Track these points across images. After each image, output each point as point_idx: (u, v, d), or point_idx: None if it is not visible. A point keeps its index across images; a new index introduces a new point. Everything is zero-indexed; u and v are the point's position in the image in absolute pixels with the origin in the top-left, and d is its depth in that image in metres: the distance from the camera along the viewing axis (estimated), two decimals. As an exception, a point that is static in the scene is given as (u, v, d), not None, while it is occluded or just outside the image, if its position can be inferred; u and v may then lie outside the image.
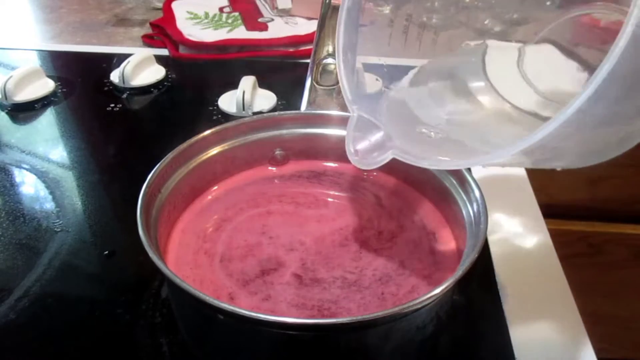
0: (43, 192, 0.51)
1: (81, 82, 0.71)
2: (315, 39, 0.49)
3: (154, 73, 0.71)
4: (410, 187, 0.43)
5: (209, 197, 0.43)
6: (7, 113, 0.64)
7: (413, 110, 0.38)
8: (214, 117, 0.63)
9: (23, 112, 0.64)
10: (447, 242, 0.39)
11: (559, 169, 0.31)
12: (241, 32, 0.80)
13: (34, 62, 0.76)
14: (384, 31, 0.41)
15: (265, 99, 0.64)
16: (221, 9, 0.87)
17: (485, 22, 0.41)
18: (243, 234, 0.39)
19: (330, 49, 0.48)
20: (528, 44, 0.40)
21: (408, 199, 0.43)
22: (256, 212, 0.41)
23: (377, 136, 0.35)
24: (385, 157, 0.34)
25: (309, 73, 0.48)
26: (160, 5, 0.91)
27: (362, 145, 0.36)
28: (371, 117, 0.36)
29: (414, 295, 0.35)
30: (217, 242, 0.39)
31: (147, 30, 0.86)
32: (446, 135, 0.37)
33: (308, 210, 0.41)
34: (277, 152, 0.45)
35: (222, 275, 0.36)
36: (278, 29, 0.81)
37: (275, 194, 0.43)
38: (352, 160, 0.35)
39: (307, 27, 0.81)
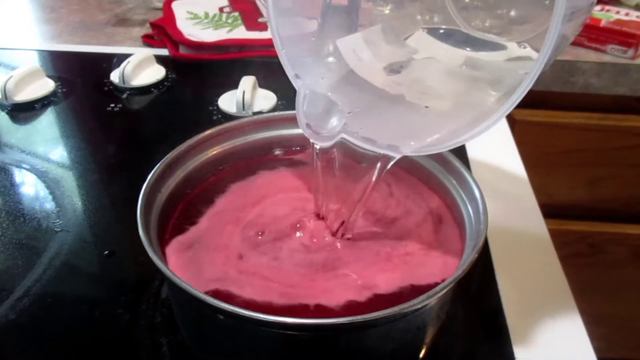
0: (43, 192, 0.51)
1: (81, 82, 0.71)
2: (315, 39, 0.49)
3: (154, 73, 0.71)
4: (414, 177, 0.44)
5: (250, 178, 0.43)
6: (7, 113, 0.64)
7: (354, 70, 0.38)
8: (214, 117, 0.63)
9: (23, 112, 0.64)
10: (450, 225, 0.39)
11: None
12: (241, 32, 0.80)
13: (34, 62, 0.76)
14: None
15: (265, 99, 0.64)
16: (221, 9, 0.87)
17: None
18: (276, 207, 0.40)
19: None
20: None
21: (415, 187, 0.43)
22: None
23: (328, 110, 0.35)
24: (338, 134, 0.34)
25: (309, 73, 0.48)
26: (160, 5, 0.91)
27: (315, 119, 0.35)
28: (319, 89, 0.36)
29: (407, 258, 0.36)
30: (250, 212, 0.40)
31: (147, 30, 0.86)
32: (387, 91, 0.37)
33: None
34: (277, 152, 0.45)
35: (238, 240, 0.37)
36: (278, 29, 0.80)
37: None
38: (307, 135, 0.36)
39: (307, 27, 0.81)
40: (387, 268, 0.36)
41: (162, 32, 0.81)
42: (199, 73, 0.74)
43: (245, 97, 0.61)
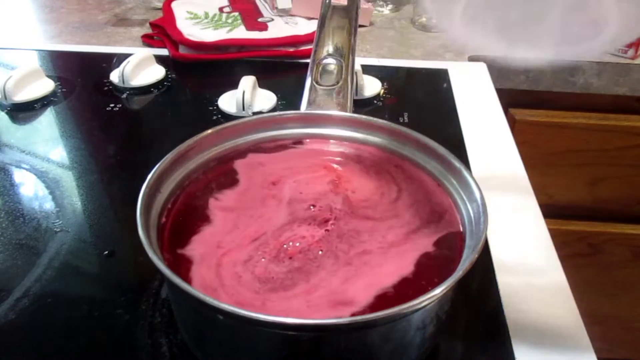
0: (43, 192, 0.51)
1: (81, 82, 0.71)
2: (315, 39, 0.49)
3: (154, 73, 0.71)
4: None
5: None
6: (7, 113, 0.64)
7: None
8: (214, 117, 0.63)
9: (23, 112, 0.64)
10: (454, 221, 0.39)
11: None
12: (241, 32, 0.80)
13: (34, 62, 0.76)
14: None
15: (265, 99, 0.64)
16: (221, 9, 0.87)
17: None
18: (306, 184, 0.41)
19: (331, 49, 0.48)
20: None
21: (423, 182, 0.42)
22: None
23: None
24: None
25: (308, 73, 0.48)
26: (160, 5, 0.91)
27: None
28: None
29: (364, 257, 0.35)
30: (283, 189, 0.40)
31: (147, 30, 0.85)
32: None
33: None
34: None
35: (284, 214, 0.38)
36: (278, 29, 0.81)
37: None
38: None
39: (307, 27, 0.81)
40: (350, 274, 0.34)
41: (162, 32, 0.81)
42: (199, 73, 0.74)
43: (245, 97, 0.61)
